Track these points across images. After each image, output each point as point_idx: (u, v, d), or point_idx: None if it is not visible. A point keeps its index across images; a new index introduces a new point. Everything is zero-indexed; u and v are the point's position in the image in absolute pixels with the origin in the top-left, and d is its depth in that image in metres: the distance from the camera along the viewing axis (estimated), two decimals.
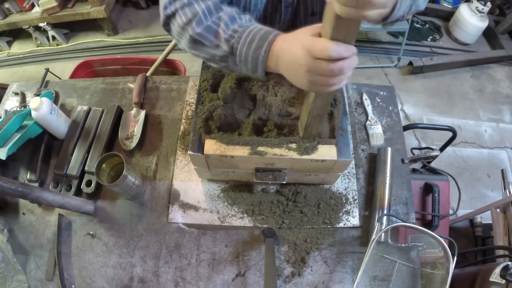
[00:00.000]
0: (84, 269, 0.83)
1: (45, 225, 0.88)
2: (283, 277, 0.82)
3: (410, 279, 0.80)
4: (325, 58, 0.46)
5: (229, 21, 0.60)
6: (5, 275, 0.80)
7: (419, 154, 1.01)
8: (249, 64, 0.58)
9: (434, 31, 2.84)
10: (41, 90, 1.08)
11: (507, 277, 0.95)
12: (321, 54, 0.46)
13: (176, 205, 0.89)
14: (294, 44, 0.51)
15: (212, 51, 0.62)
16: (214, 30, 0.60)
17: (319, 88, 0.52)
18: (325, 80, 0.49)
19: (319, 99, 0.60)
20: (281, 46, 0.54)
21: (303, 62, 0.49)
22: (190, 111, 1.02)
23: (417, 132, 2.26)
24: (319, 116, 0.66)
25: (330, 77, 0.49)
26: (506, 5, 2.86)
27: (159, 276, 0.82)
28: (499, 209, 1.38)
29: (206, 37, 0.61)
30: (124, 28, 2.76)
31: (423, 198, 1.13)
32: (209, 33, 0.61)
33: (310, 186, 0.90)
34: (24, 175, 0.94)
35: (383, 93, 1.09)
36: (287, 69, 0.54)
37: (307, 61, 0.48)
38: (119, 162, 0.85)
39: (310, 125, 0.69)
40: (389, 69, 2.59)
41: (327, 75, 0.48)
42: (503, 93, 2.54)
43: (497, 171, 2.04)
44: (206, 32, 0.61)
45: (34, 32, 2.55)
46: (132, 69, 1.71)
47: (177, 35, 0.66)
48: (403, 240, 0.95)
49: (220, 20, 0.60)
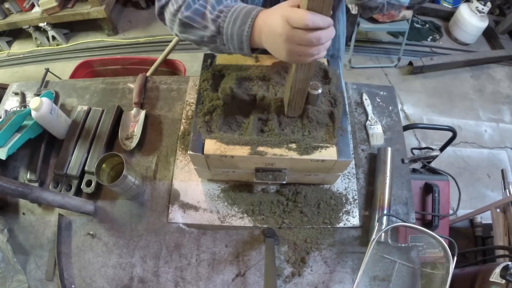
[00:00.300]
0: (84, 269, 0.83)
1: (45, 225, 0.88)
2: (283, 277, 0.82)
3: (410, 279, 0.80)
4: (302, 27, 0.49)
5: (215, 2, 0.63)
6: (5, 275, 0.80)
7: (419, 154, 1.01)
8: (235, 41, 0.61)
9: (434, 31, 2.84)
10: (41, 90, 1.08)
11: (507, 277, 0.96)
12: (298, 23, 0.49)
13: (176, 205, 0.89)
14: (274, 15, 0.53)
15: (201, 32, 0.65)
16: (201, 12, 0.64)
17: (298, 58, 0.54)
18: (303, 50, 0.51)
19: (300, 71, 0.61)
20: (262, 19, 0.57)
21: (281, 31, 0.51)
22: (190, 111, 1.02)
23: (417, 132, 2.27)
24: (301, 91, 0.68)
25: (308, 46, 0.51)
26: (506, 5, 2.86)
27: (159, 276, 0.82)
28: (499, 209, 1.38)
29: (194, 19, 0.65)
30: (124, 28, 2.76)
31: (423, 198, 1.13)
32: (196, 15, 0.65)
33: (310, 186, 0.90)
34: (24, 175, 0.94)
35: (383, 93, 1.09)
36: (268, 41, 0.56)
37: (285, 30, 0.50)
38: (119, 162, 0.85)
39: (293, 100, 0.70)
40: (389, 69, 2.60)
41: (304, 44, 0.50)
42: (503, 93, 2.54)
43: (497, 171, 2.04)
44: (194, 14, 0.65)
45: (34, 32, 2.55)
46: (132, 69, 1.71)
47: (169, 23, 0.71)
48: (403, 240, 0.95)
49: (207, 2, 0.64)
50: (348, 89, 1.09)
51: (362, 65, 2.59)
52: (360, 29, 2.34)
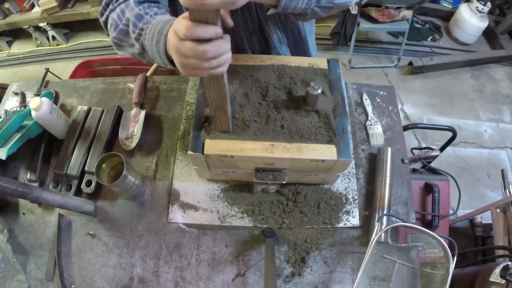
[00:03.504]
0: (84, 269, 0.83)
1: (45, 225, 0.88)
2: (283, 277, 0.82)
3: (410, 279, 0.80)
4: (184, 38, 0.47)
5: (136, 20, 0.63)
6: (5, 275, 0.80)
7: (419, 154, 1.01)
8: (156, 57, 0.61)
9: (434, 31, 2.84)
10: (41, 90, 1.08)
11: (507, 277, 0.96)
12: (180, 34, 0.47)
13: (176, 205, 0.89)
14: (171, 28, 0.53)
15: (131, 50, 0.68)
16: (125, 31, 0.66)
17: (190, 71, 0.52)
18: (192, 62, 0.49)
19: (210, 89, 0.61)
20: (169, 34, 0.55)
21: (172, 43, 0.51)
22: (190, 111, 1.02)
23: (417, 132, 2.27)
24: (220, 108, 0.67)
25: (196, 59, 0.49)
26: (506, 5, 2.86)
27: (159, 276, 0.82)
28: (499, 209, 1.38)
29: (121, 39, 0.67)
30: None
31: (423, 198, 1.13)
32: (122, 35, 0.66)
33: (310, 186, 0.90)
34: (24, 175, 0.94)
35: (383, 93, 1.09)
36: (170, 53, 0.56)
37: (174, 42, 0.50)
38: (119, 162, 0.85)
39: (216, 117, 0.70)
40: (389, 69, 2.60)
41: (191, 56, 0.48)
42: (503, 93, 2.54)
43: (497, 171, 2.04)
44: (120, 34, 0.67)
45: (34, 32, 2.55)
46: (132, 69, 1.71)
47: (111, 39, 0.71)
48: (403, 240, 0.95)
49: (129, 21, 0.64)
50: (348, 89, 1.09)
51: (362, 65, 2.59)
52: (360, 29, 2.34)
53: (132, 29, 0.64)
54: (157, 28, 0.59)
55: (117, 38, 0.68)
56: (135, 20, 0.63)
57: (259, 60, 0.84)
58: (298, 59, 0.86)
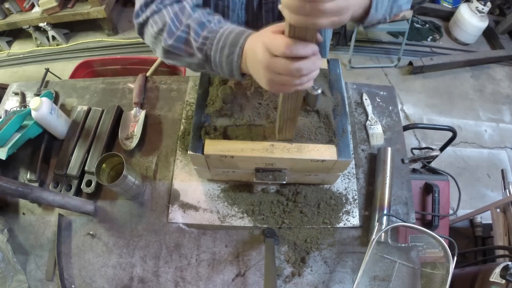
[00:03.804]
0: (84, 269, 0.83)
1: (45, 225, 0.88)
2: (283, 277, 0.82)
3: (410, 279, 0.80)
4: (280, 55, 0.45)
5: (199, 28, 0.58)
6: (5, 275, 0.80)
7: (419, 154, 1.01)
8: (224, 69, 0.57)
9: (434, 31, 2.84)
10: (41, 90, 1.08)
11: (507, 277, 0.95)
12: (276, 51, 0.45)
13: (176, 205, 0.89)
14: (257, 41, 0.50)
15: (188, 59, 0.62)
16: (184, 39, 0.59)
17: (279, 87, 0.50)
18: (283, 80, 0.48)
19: (287, 101, 0.59)
20: (248, 46, 0.53)
21: (261, 59, 0.48)
22: (190, 111, 1.02)
23: (417, 132, 2.27)
24: (290, 120, 0.66)
25: (288, 76, 0.47)
26: (506, 5, 2.86)
27: (159, 276, 0.82)
28: (499, 209, 1.38)
29: (178, 48, 0.60)
30: (124, 28, 2.76)
31: (423, 198, 1.13)
32: (180, 43, 0.60)
33: (310, 186, 0.90)
34: (24, 175, 0.94)
35: (383, 93, 1.09)
36: (251, 68, 0.53)
37: (265, 58, 0.47)
38: (119, 162, 0.85)
39: (283, 128, 0.69)
40: (389, 69, 2.60)
41: (284, 74, 0.47)
42: (503, 93, 2.54)
43: (497, 171, 2.04)
44: (178, 42, 0.60)
45: (34, 32, 2.55)
46: (132, 69, 1.71)
47: (151, 44, 0.65)
48: (403, 240, 0.95)
49: (190, 29, 0.59)
50: (348, 89, 1.09)
51: (362, 65, 2.59)
52: (360, 29, 2.34)
53: (194, 37, 0.58)
54: (228, 39, 0.55)
55: (173, 47, 0.60)
56: (197, 27, 0.58)
57: None
58: None
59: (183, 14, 0.60)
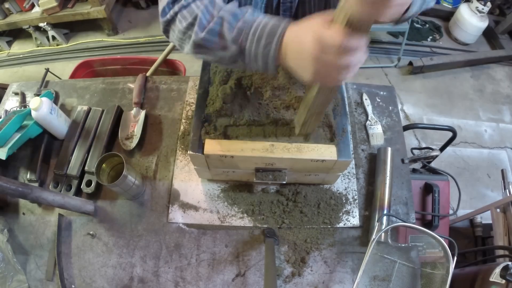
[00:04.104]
0: (84, 269, 0.83)
1: (45, 225, 0.88)
2: (283, 277, 0.82)
3: (410, 279, 0.80)
4: (336, 47, 0.43)
5: (233, 19, 0.56)
6: (5, 275, 0.80)
7: (419, 154, 1.01)
8: (259, 61, 0.55)
9: (434, 31, 2.84)
10: (41, 90, 1.08)
11: (507, 277, 0.95)
12: (331, 42, 0.43)
13: (176, 205, 0.89)
14: (304, 32, 0.48)
15: (220, 53, 0.59)
16: (218, 31, 0.57)
17: (324, 79, 0.49)
18: (330, 72, 0.47)
19: (321, 94, 0.57)
20: (290, 37, 0.51)
21: (312, 50, 0.46)
22: (190, 111, 1.02)
23: (417, 132, 2.26)
24: (317, 114, 0.66)
25: (337, 68, 0.46)
26: (506, 5, 2.86)
27: (159, 276, 0.82)
28: (499, 209, 1.38)
29: (211, 41, 0.57)
30: (124, 28, 2.76)
31: (423, 198, 1.13)
32: (213, 36, 0.57)
33: (310, 186, 0.90)
34: (24, 175, 0.94)
35: (383, 93, 1.09)
36: (294, 59, 0.51)
37: (316, 48, 0.45)
38: (119, 162, 0.85)
39: (308, 122, 0.68)
40: (389, 69, 2.59)
41: (334, 66, 0.45)
42: (503, 93, 2.54)
43: (497, 171, 2.04)
44: (210, 35, 0.57)
45: (34, 32, 2.55)
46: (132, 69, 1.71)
47: (178, 41, 0.63)
48: (403, 240, 0.95)
49: (223, 20, 0.56)
50: (348, 89, 1.09)
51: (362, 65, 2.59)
52: None
53: (229, 29, 0.55)
54: (265, 30, 0.53)
55: (206, 39, 0.57)
56: (231, 19, 0.56)
57: None
58: None
59: (213, 7, 0.58)
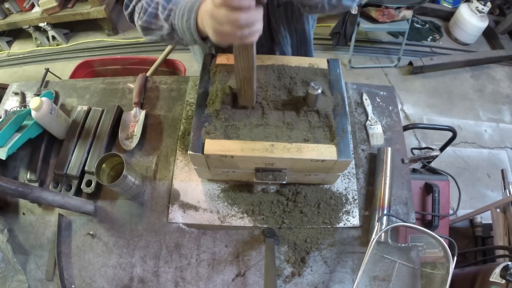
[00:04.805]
0: (84, 269, 0.83)
1: (45, 225, 0.88)
2: (283, 277, 0.82)
3: (410, 279, 0.80)
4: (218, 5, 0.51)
5: (165, 2, 0.69)
6: (5, 275, 0.80)
7: (419, 154, 1.01)
8: (187, 35, 0.66)
9: (434, 31, 2.84)
10: (41, 90, 1.08)
11: (507, 277, 0.96)
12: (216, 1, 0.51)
13: (176, 205, 0.89)
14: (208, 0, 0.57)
15: (159, 32, 0.72)
16: (154, 14, 0.71)
17: (223, 37, 0.55)
18: (226, 29, 0.53)
19: (239, 59, 0.63)
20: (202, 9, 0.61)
21: (208, 8, 0.55)
22: (190, 111, 1.02)
23: (417, 132, 2.27)
24: (246, 80, 0.69)
25: (230, 26, 0.52)
26: (506, 5, 2.86)
27: (159, 276, 0.82)
28: (499, 209, 1.38)
29: (150, 22, 0.72)
30: (124, 28, 2.76)
31: (423, 198, 1.13)
32: (151, 18, 0.71)
33: (310, 186, 0.90)
34: (24, 175, 0.94)
35: (383, 93, 1.09)
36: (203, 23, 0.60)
37: (210, 7, 0.54)
38: (119, 162, 0.85)
39: (242, 89, 0.72)
40: (389, 69, 2.60)
41: (225, 22, 0.52)
42: (503, 93, 2.54)
43: (497, 171, 2.04)
44: (149, 17, 0.71)
45: (34, 32, 2.55)
46: (132, 69, 1.72)
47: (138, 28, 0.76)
48: (403, 240, 0.95)
49: (158, 5, 0.70)
50: (348, 89, 1.09)
51: (362, 65, 2.59)
52: (360, 29, 2.34)
53: (161, 10, 0.69)
54: (186, 7, 0.64)
55: (147, 22, 0.72)
56: (164, 2, 0.69)
57: (259, 60, 0.84)
58: (298, 59, 0.86)
59: None
